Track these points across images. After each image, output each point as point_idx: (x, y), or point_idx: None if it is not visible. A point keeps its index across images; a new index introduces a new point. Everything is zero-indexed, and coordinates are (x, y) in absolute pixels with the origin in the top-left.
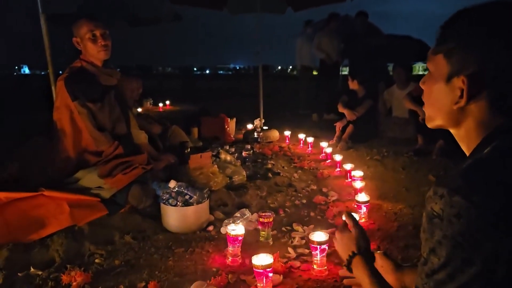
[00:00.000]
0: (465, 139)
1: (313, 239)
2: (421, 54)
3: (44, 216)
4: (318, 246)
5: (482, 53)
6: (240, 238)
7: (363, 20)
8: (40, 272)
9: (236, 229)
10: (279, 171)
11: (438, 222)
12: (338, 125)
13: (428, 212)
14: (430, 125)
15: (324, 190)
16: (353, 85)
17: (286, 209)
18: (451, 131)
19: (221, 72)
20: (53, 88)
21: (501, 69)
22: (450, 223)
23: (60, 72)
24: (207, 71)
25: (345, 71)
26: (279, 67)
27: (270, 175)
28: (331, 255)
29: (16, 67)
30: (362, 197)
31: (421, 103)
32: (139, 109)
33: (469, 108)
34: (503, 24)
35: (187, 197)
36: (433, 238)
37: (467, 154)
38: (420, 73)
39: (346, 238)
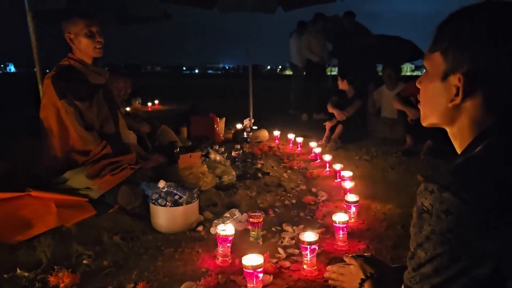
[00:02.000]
0: (458, 137)
1: (303, 239)
2: (411, 55)
3: (31, 217)
4: (308, 246)
5: (474, 52)
6: (230, 238)
7: (350, 20)
8: (26, 274)
9: (225, 229)
10: (268, 171)
11: (427, 217)
12: (328, 125)
13: (418, 207)
14: (424, 123)
15: (314, 190)
16: (342, 85)
17: (276, 209)
18: (446, 129)
19: (211, 71)
20: (40, 86)
21: (493, 68)
22: (439, 219)
23: (48, 70)
24: (196, 71)
25: (334, 71)
26: (269, 67)
27: (259, 175)
28: (321, 255)
29: (2, 65)
30: (352, 197)
31: (409, 104)
32: (128, 109)
33: (463, 106)
34: (494, 23)
35: (176, 197)
36: (421, 233)
37: (459, 152)
38: (408, 73)
39: (352, 268)
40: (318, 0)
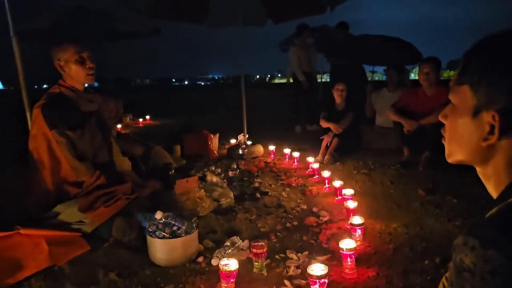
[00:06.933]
0: (493, 178)
1: (311, 273)
2: (411, 57)
3: (21, 257)
4: (318, 280)
5: (511, 86)
6: (234, 273)
7: (344, 31)
8: None
9: (229, 263)
10: (267, 190)
11: (468, 277)
12: (326, 139)
13: (456, 264)
14: (450, 160)
15: (315, 209)
16: (339, 97)
17: (278, 233)
18: (476, 168)
19: (200, 82)
20: (28, 114)
21: None
22: (483, 281)
23: (35, 86)
24: (186, 82)
25: (325, 78)
26: (258, 76)
27: (258, 195)
28: (330, 285)
29: None
30: (357, 219)
31: (405, 114)
32: (119, 126)
33: (499, 145)
34: None
35: (174, 228)
36: None
37: (494, 195)
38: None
39: None
40: (307, 12)
